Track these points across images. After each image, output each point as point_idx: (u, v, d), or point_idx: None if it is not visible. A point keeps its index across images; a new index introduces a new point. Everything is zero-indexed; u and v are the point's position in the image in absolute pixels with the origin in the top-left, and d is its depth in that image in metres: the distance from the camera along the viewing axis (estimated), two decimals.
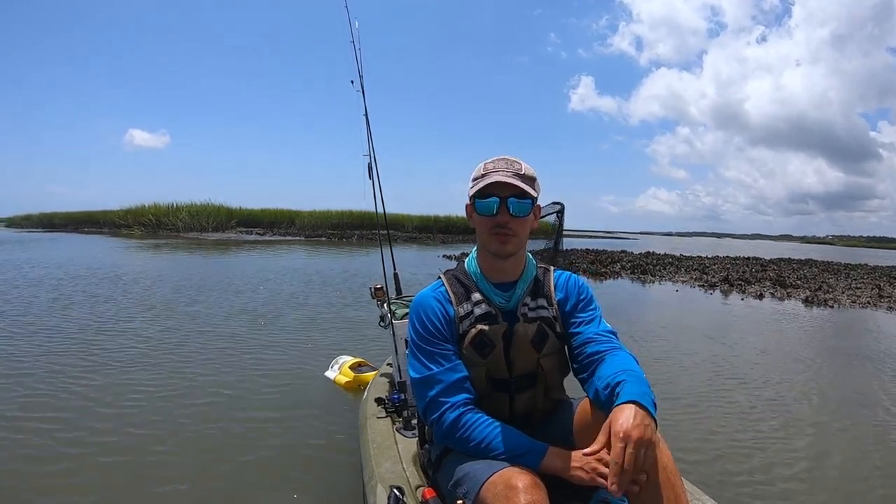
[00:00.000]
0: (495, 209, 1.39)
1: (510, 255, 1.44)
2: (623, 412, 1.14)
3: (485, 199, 1.39)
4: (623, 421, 1.12)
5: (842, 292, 11.69)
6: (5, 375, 4.02)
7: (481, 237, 1.45)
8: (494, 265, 1.48)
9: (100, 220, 37.24)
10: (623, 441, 1.09)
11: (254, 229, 34.08)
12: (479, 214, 1.42)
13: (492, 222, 1.40)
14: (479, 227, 1.44)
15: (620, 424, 1.11)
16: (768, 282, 13.09)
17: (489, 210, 1.39)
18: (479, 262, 1.51)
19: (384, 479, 1.73)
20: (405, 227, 37.17)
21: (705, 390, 4.36)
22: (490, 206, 1.39)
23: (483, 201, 1.40)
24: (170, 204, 34.64)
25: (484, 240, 1.44)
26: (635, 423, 1.11)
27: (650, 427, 1.12)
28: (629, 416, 1.12)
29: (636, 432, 1.09)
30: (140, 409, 3.44)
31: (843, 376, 5.04)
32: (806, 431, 3.55)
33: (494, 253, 1.44)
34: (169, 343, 5.17)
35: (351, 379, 3.87)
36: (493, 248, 1.43)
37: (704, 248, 32.25)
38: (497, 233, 1.40)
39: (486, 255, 1.49)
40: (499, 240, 1.41)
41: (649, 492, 1.16)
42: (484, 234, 1.43)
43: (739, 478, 2.85)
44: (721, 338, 6.59)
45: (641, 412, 1.13)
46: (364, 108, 3.34)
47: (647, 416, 1.13)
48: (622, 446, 1.09)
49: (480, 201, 1.40)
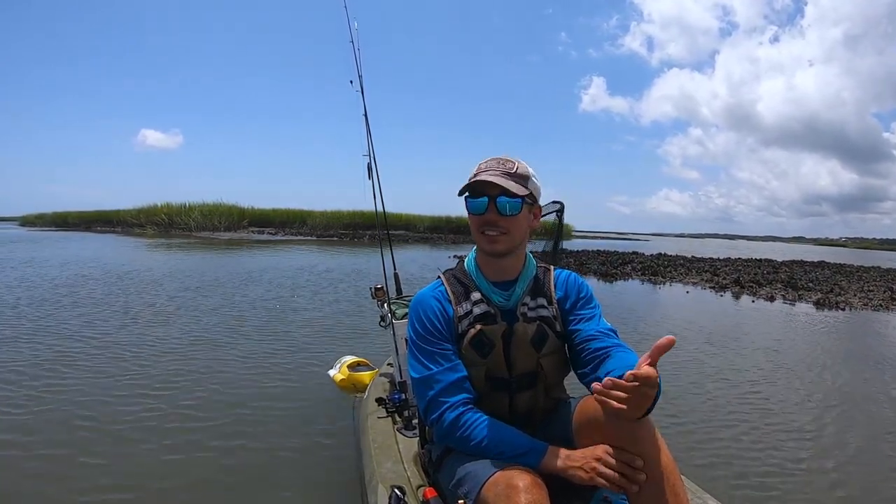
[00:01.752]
0: (484, 208, 1.39)
1: (501, 254, 1.44)
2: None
3: (475, 199, 1.41)
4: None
5: (853, 295, 11.56)
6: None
7: (473, 236, 1.46)
8: (493, 264, 1.48)
9: (112, 219, 37.57)
10: (637, 368, 1.06)
11: (265, 229, 34.20)
12: (469, 213, 1.44)
13: (481, 221, 1.41)
14: (471, 226, 1.46)
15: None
16: (780, 284, 12.97)
17: (478, 209, 1.41)
18: (477, 262, 1.52)
19: (385, 479, 1.74)
20: (416, 228, 37.20)
21: (710, 391, 4.34)
22: (479, 204, 1.40)
23: (473, 200, 1.41)
24: (182, 203, 34.87)
25: (475, 239, 1.46)
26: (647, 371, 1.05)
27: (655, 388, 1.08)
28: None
29: (645, 371, 1.04)
30: (139, 409, 3.43)
31: (852, 380, 4.97)
32: (811, 434, 3.52)
33: (486, 252, 1.45)
34: (168, 343, 5.15)
35: (346, 377, 3.87)
36: (483, 246, 1.44)
37: (716, 250, 32.03)
38: (486, 231, 1.41)
39: (480, 254, 1.50)
40: (488, 238, 1.41)
41: (649, 491, 1.16)
42: (475, 233, 1.44)
43: (742, 479, 2.84)
44: (728, 339, 6.53)
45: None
46: (363, 108, 3.36)
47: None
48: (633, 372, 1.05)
49: (471, 200, 1.42)
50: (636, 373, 1.05)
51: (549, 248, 2.23)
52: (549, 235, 2.21)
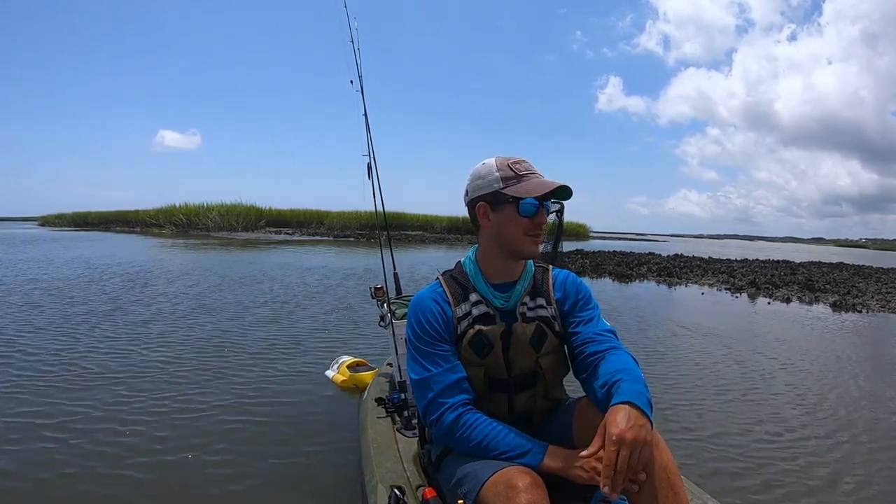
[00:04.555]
0: (536, 210, 1.39)
1: (538, 256, 1.46)
2: (617, 413, 1.13)
3: (527, 201, 1.38)
4: (616, 423, 1.11)
5: (871, 297, 11.34)
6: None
7: (513, 239, 1.43)
8: (501, 266, 1.48)
9: (132, 219, 38.01)
10: (616, 444, 1.09)
11: (283, 229, 34.33)
12: (520, 216, 1.40)
13: (531, 224, 1.40)
14: (512, 228, 1.42)
15: (614, 427, 1.11)
16: (796, 286, 12.76)
17: (530, 212, 1.39)
18: (479, 263, 1.51)
19: (385, 479, 1.74)
20: (434, 228, 37.20)
21: (712, 392, 4.30)
22: (532, 207, 1.38)
23: (526, 203, 1.38)
24: (200, 204, 35.14)
25: (516, 241, 1.42)
26: (629, 424, 1.10)
27: (644, 428, 1.11)
28: (623, 417, 1.12)
29: (630, 434, 1.09)
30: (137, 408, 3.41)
31: (866, 384, 4.84)
32: (818, 438, 3.44)
33: (528, 255, 1.45)
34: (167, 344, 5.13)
35: (347, 378, 3.89)
36: (528, 250, 1.43)
37: (734, 251, 31.65)
38: (534, 234, 1.41)
39: (491, 257, 1.49)
40: (535, 241, 1.42)
41: (649, 492, 1.16)
42: (518, 235, 1.41)
43: (742, 480, 2.80)
44: (739, 341, 6.43)
45: (636, 413, 1.12)
46: (363, 108, 3.38)
47: (640, 417, 1.12)
48: (615, 449, 1.09)
49: (525, 203, 1.38)
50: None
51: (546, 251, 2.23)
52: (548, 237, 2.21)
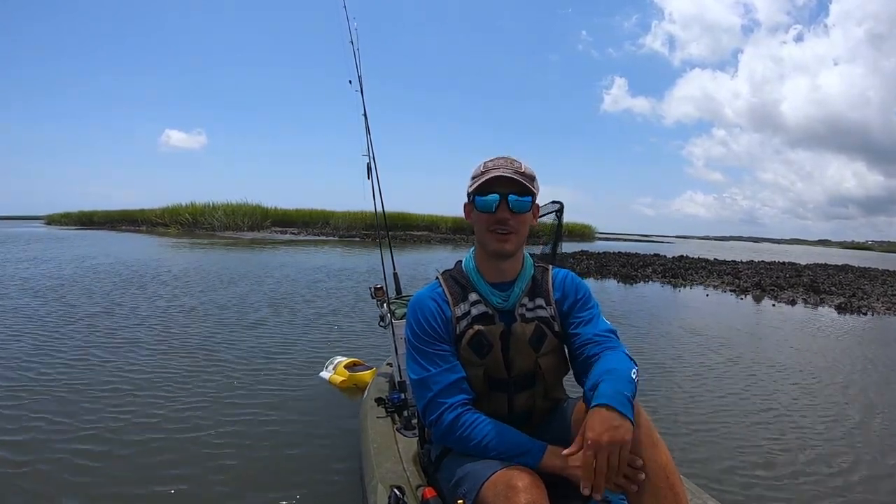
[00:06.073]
0: (495, 206, 1.37)
1: (510, 254, 1.43)
2: (592, 418, 1.15)
3: (485, 196, 1.38)
4: (592, 427, 1.13)
5: (877, 299, 11.25)
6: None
7: (480, 235, 1.43)
8: (492, 265, 1.47)
9: (137, 218, 38.04)
10: (592, 448, 1.11)
11: (288, 229, 34.33)
12: (478, 211, 1.40)
13: (492, 219, 1.39)
14: (478, 225, 1.43)
15: (590, 431, 1.13)
16: (801, 287, 12.67)
17: (489, 207, 1.38)
18: (476, 263, 1.50)
19: (384, 479, 1.74)
20: (439, 228, 37.19)
21: (714, 393, 4.30)
22: (490, 202, 1.37)
23: (483, 198, 1.38)
24: (206, 203, 35.16)
25: (483, 238, 1.43)
26: (604, 427, 1.12)
27: (621, 428, 1.12)
28: (598, 421, 1.14)
29: (605, 437, 1.11)
30: (135, 408, 3.41)
31: (871, 385, 4.82)
32: (821, 439, 3.43)
33: (494, 252, 1.42)
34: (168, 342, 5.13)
35: (346, 378, 3.88)
36: (492, 246, 1.41)
37: (740, 253, 31.48)
38: (496, 230, 1.39)
39: (484, 255, 1.48)
40: (498, 238, 1.39)
41: (648, 492, 1.16)
42: (483, 231, 1.41)
43: (743, 481, 2.80)
44: (745, 343, 6.40)
45: (612, 415, 1.14)
46: (363, 108, 3.37)
47: (617, 418, 1.13)
48: (591, 454, 1.11)
49: (480, 198, 1.39)
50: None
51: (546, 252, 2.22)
52: (548, 237, 2.21)
